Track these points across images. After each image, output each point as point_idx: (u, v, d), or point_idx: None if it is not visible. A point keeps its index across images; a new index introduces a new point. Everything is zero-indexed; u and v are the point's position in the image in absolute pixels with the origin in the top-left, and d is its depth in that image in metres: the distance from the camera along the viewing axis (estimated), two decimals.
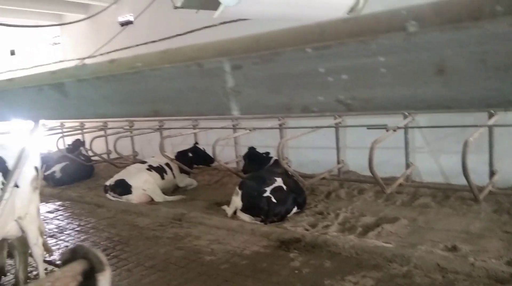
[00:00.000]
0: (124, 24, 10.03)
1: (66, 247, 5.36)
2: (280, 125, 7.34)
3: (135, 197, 6.96)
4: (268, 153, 6.87)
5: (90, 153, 9.44)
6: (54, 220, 6.55)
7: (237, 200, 5.64)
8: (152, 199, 7.02)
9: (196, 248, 4.88)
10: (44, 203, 7.43)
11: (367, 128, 5.81)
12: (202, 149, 8.08)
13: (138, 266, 4.55)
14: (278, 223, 5.35)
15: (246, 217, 5.53)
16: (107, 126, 9.87)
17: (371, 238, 4.61)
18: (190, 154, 7.94)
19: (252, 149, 7.10)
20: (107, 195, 7.21)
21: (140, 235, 5.53)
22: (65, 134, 10.15)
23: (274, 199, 5.40)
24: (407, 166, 6.31)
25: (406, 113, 5.99)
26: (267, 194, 5.45)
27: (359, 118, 6.50)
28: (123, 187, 7.04)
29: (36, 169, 3.91)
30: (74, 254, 0.68)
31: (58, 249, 5.29)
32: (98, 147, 9.49)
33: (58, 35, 12.28)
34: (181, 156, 7.79)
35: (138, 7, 8.07)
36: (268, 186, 5.56)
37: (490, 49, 0.41)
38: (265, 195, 5.44)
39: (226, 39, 0.59)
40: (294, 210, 5.61)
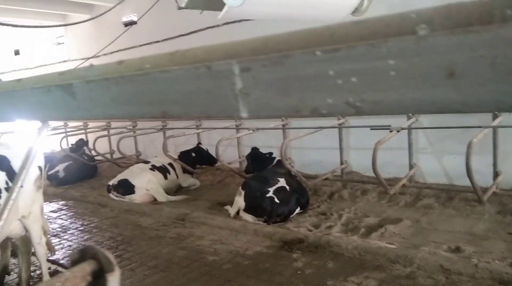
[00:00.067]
0: (127, 24, 10.06)
1: (70, 246, 5.39)
2: (283, 125, 7.33)
3: (138, 197, 6.97)
4: (271, 153, 6.87)
5: (94, 152, 9.47)
6: (57, 220, 6.58)
7: (240, 200, 5.64)
8: (155, 199, 7.03)
9: (199, 248, 4.88)
10: (47, 202, 7.46)
11: (371, 129, 5.80)
12: (205, 149, 8.10)
13: (141, 266, 4.56)
14: (281, 224, 5.35)
15: (249, 218, 5.53)
16: (111, 126, 9.90)
17: (374, 239, 4.60)
18: (193, 154, 7.96)
19: (255, 149, 7.10)
20: (110, 194, 7.23)
21: (143, 235, 5.54)
22: (68, 133, 10.20)
23: (277, 200, 5.40)
24: (411, 167, 6.29)
25: (410, 114, 5.98)
26: (270, 194, 5.45)
27: (363, 118, 6.49)
28: (126, 187, 7.06)
29: (39, 168, 3.93)
30: (83, 254, 0.68)
31: (61, 249, 5.31)
32: (102, 146, 9.52)
33: (62, 35, 12.32)
34: (184, 156, 7.81)
35: (142, 8, 8.10)
36: (271, 186, 5.56)
37: (501, 53, 0.41)
38: (268, 195, 5.43)
39: (235, 41, 0.59)
40: (297, 210, 5.61)
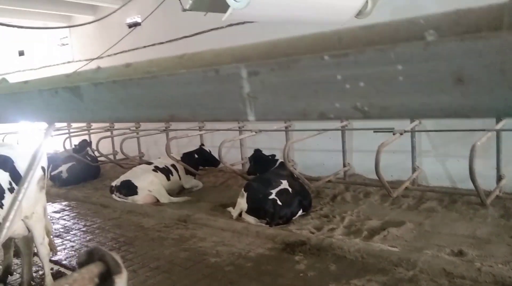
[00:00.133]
0: (131, 25, 10.10)
1: (72, 247, 5.40)
2: (286, 127, 7.33)
3: (141, 198, 6.98)
4: (274, 155, 6.87)
5: (97, 153, 9.49)
6: (60, 220, 6.59)
7: (242, 202, 5.64)
8: (157, 200, 7.04)
9: (201, 250, 4.88)
10: (50, 203, 7.48)
11: (374, 131, 5.80)
12: (208, 150, 8.11)
13: (143, 267, 4.56)
14: (283, 226, 5.34)
15: (251, 219, 5.52)
16: (114, 127, 9.92)
17: (377, 241, 4.59)
18: (196, 155, 7.97)
19: (257, 151, 7.10)
20: (113, 195, 7.24)
21: (145, 236, 5.55)
22: (71, 134, 10.23)
23: (279, 202, 5.39)
24: (414, 169, 6.28)
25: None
26: (273, 196, 5.44)
27: (366, 121, 6.47)
28: (129, 188, 7.07)
29: (42, 169, 3.95)
30: (90, 256, 0.69)
31: (64, 249, 5.32)
32: (105, 147, 9.54)
33: (67, 36, 12.38)
34: (187, 158, 7.82)
35: (146, 9, 8.13)
36: (273, 188, 5.55)
37: (510, 59, 0.41)
38: (270, 197, 5.43)
39: (242, 45, 0.59)
40: (300, 212, 5.61)
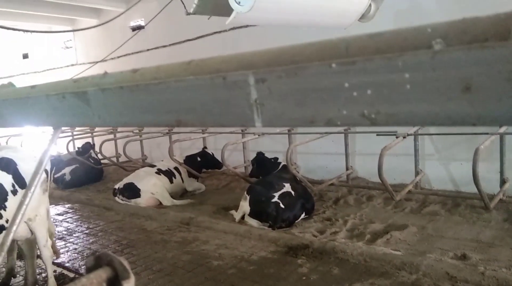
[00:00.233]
0: (135, 29, 10.14)
1: (75, 249, 5.40)
2: (288, 130, 7.33)
3: (144, 200, 6.99)
4: (276, 158, 6.87)
5: (100, 156, 9.51)
6: (63, 223, 6.61)
7: (245, 205, 5.64)
8: (160, 203, 7.05)
9: (203, 253, 4.88)
10: (53, 205, 7.50)
11: (377, 135, 5.79)
12: (211, 153, 8.12)
13: (145, 269, 4.56)
14: (286, 229, 5.34)
15: (254, 222, 5.52)
16: (117, 130, 9.95)
17: (380, 245, 4.59)
18: (198, 158, 7.98)
19: (260, 154, 7.10)
20: (116, 198, 7.26)
21: (148, 238, 5.55)
22: (75, 137, 10.26)
23: (282, 205, 5.39)
24: (417, 173, 6.27)
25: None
26: (275, 199, 5.44)
27: None
28: (132, 191, 7.08)
29: (46, 171, 3.96)
30: (98, 261, 0.69)
31: (67, 252, 5.33)
32: (108, 150, 9.57)
33: (70, 39, 12.44)
34: (189, 160, 7.83)
35: (149, 12, 8.17)
36: (276, 191, 5.55)
37: None
38: (273, 200, 5.43)
39: (250, 52, 0.60)
40: (302, 216, 5.60)
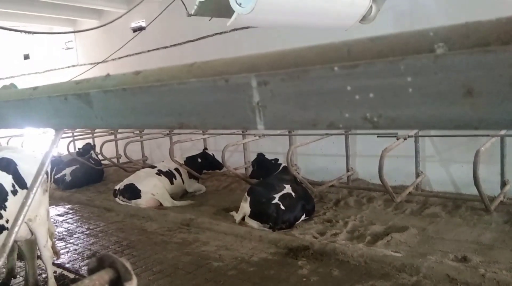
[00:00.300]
0: (136, 30, 10.16)
1: (75, 250, 5.41)
2: (289, 131, 7.33)
3: (144, 201, 6.99)
4: (277, 159, 6.87)
5: (100, 157, 9.52)
6: (63, 223, 6.61)
7: (245, 206, 5.64)
8: (160, 204, 7.05)
9: (204, 254, 4.88)
10: (54, 206, 7.50)
11: (377, 136, 5.80)
12: (211, 154, 8.12)
13: (146, 270, 4.56)
14: (287, 230, 5.34)
15: (254, 224, 5.52)
16: (117, 131, 9.95)
17: (380, 247, 4.58)
18: (199, 159, 7.98)
19: (261, 155, 7.10)
20: (116, 199, 7.26)
21: (148, 239, 5.56)
22: (75, 138, 10.27)
23: (282, 206, 5.39)
24: (417, 175, 6.27)
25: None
26: (276, 201, 5.44)
27: None
28: (132, 192, 7.09)
29: (46, 172, 3.96)
30: (101, 262, 0.69)
31: (67, 252, 5.33)
32: (108, 151, 9.57)
33: (71, 40, 12.46)
34: (190, 162, 7.83)
35: (151, 13, 8.18)
36: (277, 192, 5.55)
37: None
38: (273, 202, 5.43)
39: (252, 55, 0.60)
40: (303, 217, 5.60)
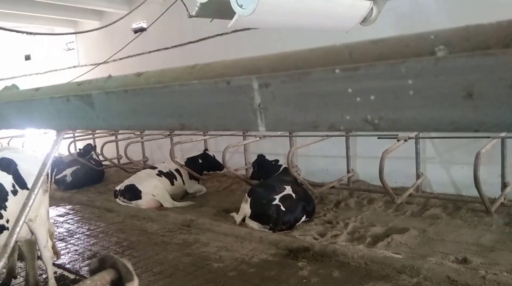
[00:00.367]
0: (137, 31, 10.17)
1: (76, 251, 5.41)
2: (290, 133, 7.33)
3: (145, 202, 7.00)
4: (277, 160, 6.87)
5: (101, 157, 9.53)
6: (64, 224, 6.61)
7: (246, 208, 5.64)
8: (161, 205, 7.05)
9: (204, 255, 4.88)
10: (54, 206, 7.51)
11: (378, 138, 5.80)
12: (212, 155, 8.13)
13: (146, 271, 4.56)
14: (287, 232, 5.34)
15: (254, 225, 5.52)
16: (118, 131, 9.96)
17: (381, 248, 4.58)
18: (200, 160, 7.99)
19: (261, 156, 7.10)
20: (117, 200, 7.26)
21: (148, 240, 5.56)
22: (76, 138, 10.28)
23: (283, 207, 5.39)
24: (418, 176, 6.27)
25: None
26: (276, 202, 5.44)
27: None
28: (133, 192, 7.09)
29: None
30: (102, 263, 0.69)
31: (68, 253, 5.33)
32: (109, 152, 9.58)
33: (72, 41, 12.48)
34: (191, 162, 7.83)
35: (152, 15, 8.19)
36: (277, 194, 5.55)
37: None
38: (274, 203, 5.43)
39: (254, 57, 0.60)
40: (303, 218, 5.60)
